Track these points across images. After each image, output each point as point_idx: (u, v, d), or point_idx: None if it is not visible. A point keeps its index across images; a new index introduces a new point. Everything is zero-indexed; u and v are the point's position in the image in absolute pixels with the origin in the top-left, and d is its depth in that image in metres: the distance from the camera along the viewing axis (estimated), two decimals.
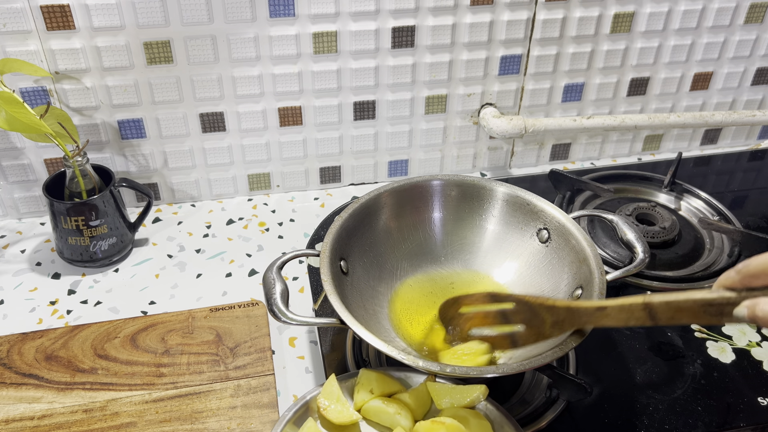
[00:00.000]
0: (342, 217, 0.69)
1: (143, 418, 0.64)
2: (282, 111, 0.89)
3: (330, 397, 0.59)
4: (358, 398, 0.60)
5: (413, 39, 0.87)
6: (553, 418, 0.63)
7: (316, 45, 0.85)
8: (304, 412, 0.59)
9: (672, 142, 1.08)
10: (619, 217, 0.71)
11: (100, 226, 0.79)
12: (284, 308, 0.60)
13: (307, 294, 0.80)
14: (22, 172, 0.87)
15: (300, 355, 0.72)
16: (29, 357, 0.70)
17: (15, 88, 0.80)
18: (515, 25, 0.89)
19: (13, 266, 0.83)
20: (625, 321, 0.52)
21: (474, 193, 0.75)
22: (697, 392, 0.67)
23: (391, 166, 0.99)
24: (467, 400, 0.58)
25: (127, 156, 0.89)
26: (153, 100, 0.85)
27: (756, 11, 0.96)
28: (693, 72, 1.01)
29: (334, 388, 0.60)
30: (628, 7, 0.92)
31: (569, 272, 0.67)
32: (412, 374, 0.62)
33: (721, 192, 0.98)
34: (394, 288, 0.72)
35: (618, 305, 0.52)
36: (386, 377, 0.61)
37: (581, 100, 0.99)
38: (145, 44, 0.80)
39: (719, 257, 0.84)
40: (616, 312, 0.52)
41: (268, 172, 0.95)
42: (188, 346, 0.71)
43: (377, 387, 0.60)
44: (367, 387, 0.60)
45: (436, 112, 0.95)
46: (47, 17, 0.76)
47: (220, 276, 0.82)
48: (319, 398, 0.59)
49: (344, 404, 0.59)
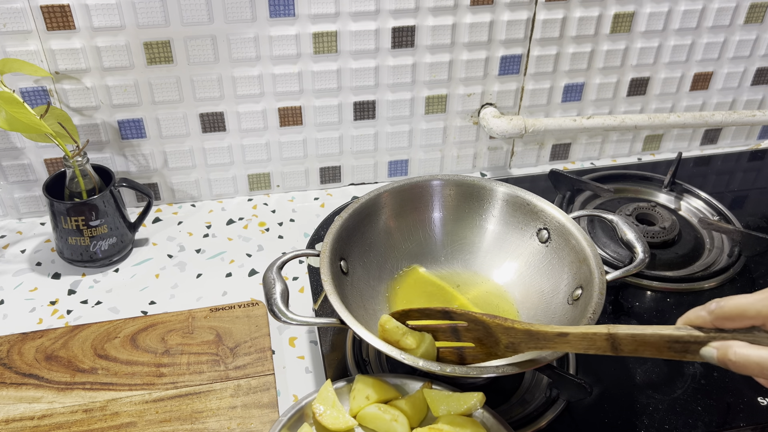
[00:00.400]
0: (342, 217, 0.69)
1: (143, 418, 0.64)
2: (282, 111, 0.89)
3: (325, 403, 0.59)
4: (354, 404, 0.59)
5: (413, 39, 0.87)
6: (553, 418, 0.63)
7: (316, 45, 0.85)
8: (299, 418, 0.59)
9: (672, 142, 1.08)
10: (619, 217, 0.71)
11: (100, 226, 0.79)
12: (284, 308, 0.60)
13: (307, 294, 0.80)
14: (22, 172, 0.87)
15: (300, 355, 0.72)
16: (29, 357, 0.70)
17: (15, 88, 0.80)
18: (515, 25, 0.89)
19: (13, 266, 0.83)
20: (585, 349, 0.51)
21: (474, 193, 0.75)
22: (697, 392, 0.67)
23: (391, 166, 0.99)
24: (464, 407, 0.58)
25: (127, 156, 0.89)
26: (153, 100, 0.85)
27: (756, 11, 0.96)
28: (693, 72, 1.01)
29: (329, 393, 0.59)
30: (628, 7, 0.92)
31: (569, 272, 0.67)
32: (409, 381, 0.61)
33: (721, 192, 0.98)
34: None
35: (580, 333, 0.51)
36: (383, 384, 0.60)
37: (581, 100, 0.99)
38: (145, 44, 0.80)
39: (719, 257, 0.84)
40: (578, 339, 0.51)
41: (268, 172, 0.95)
42: (188, 346, 0.71)
43: (373, 393, 0.59)
44: (363, 393, 0.59)
45: (436, 112, 0.95)
46: (47, 17, 0.76)
47: (220, 276, 0.82)
48: (315, 404, 0.59)
49: (340, 410, 0.59)
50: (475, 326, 0.57)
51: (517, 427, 0.62)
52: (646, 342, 0.47)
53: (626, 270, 0.65)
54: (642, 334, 0.47)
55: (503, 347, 0.55)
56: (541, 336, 0.53)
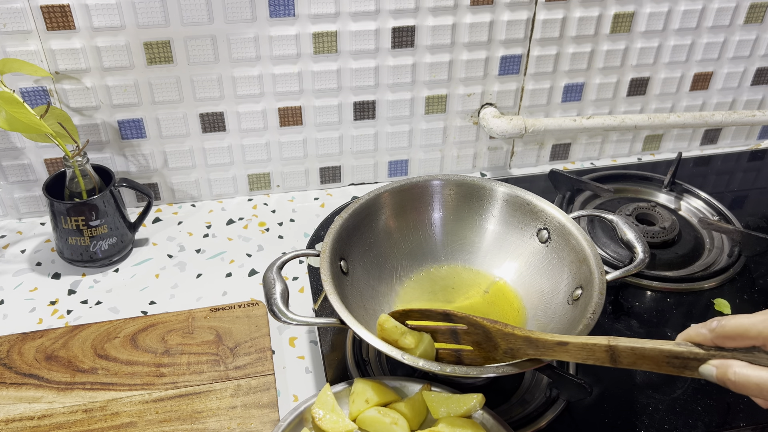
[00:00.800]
0: (342, 217, 0.69)
1: (143, 418, 0.64)
2: (282, 111, 0.89)
3: (325, 407, 0.58)
4: (354, 408, 0.59)
5: (413, 39, 0.87)
6: (553, 418, 0.63)
7: (316, 45, 0.85)
8: (299, 423, 0.59)
9: (672, 142, 1.08)
10: (619, 217, 0.71)
11: (100, 226, 0.79)
12: (284, 308, 0.60)
13: (307, 294, 0.80)
14: (22, 172, 0.87)
15: (300, 355, 0.72)
16: (29, 357, 0.70)
17: (15, 88, 0.80)
18: (515, 25, 0.89)
19: (13, 266, 0.83)
20: (584, 359, 0.51)
21: (474, 193, 0.75)
22: (697, 392, 0.67)
23: (391, 166, 0.99)
24: (464, 409, 0.58)
25: (127, 156, 0.89)
26: (153, 100, 0.85)
27: (756, 11, 0.96)
28: (693, 72, 1.01)
29: (328, 397, 0.59)
30: (628, 7, 0.92)
31: (569, 272, 0.67)
32: (408, 383, 0.61)
33: (721, 192, 0.98)
34: (394, 288, 0.72)
35: (580, 343, 0.51)
36: (382, 387, 0.60)
37: (581, 100, 0.99)
38: (145, 44, 0.80)
39: (719, 257, 0.84)
40: (577, 349, 0.51)
41: (268, 172, 0.95)
42: (188, 346, 0.71)
43: (373, 396, 0.59)
44: (363, 397, 0.59)
45: (436, 112, 0.95)
46: (47, 17, 0.76)
47: (220, 276, 0.82)
48: (314, 408, 0.59)
49: (339, 414, 0.58)
50: (474, 330, 0.57)
51: (517, 427, 0.62)
52: (646, 356, 0.47)
53: (626, 270, 0.65)
54: (642, 348, 0.47)
55: (501, 352, 0.56)
56: (541, 344, 0.53)
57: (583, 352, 0.51)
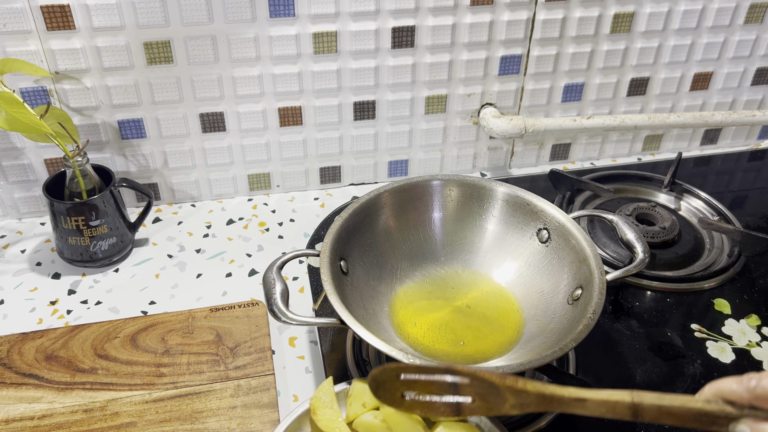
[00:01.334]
0: (342, 217, 0.69)
1: (143, 418, 0.64)
2: (282, 111, 0.89)
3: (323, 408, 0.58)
4: (351, 411, 0.59)
5: (413, 39, 0.87)
6: (553, 418, 0.63)
7: (316, 45, 0.85)
8: (299, 423, 0.58)
9: (672, 142, 1.08)
10: (619, 217, 0.71)
11: (100, 226, 0.79)
12: (284, 308, 0.60)
13: (307, 294, 0.80)
14: (22, 172, 0.87)
15: (300, 355, 0.72)
16: (29, 357, 0.70)
17: (15, 88, 0.80)
18: (515, 25, 0.89)
19: (13, 266, 0.83)
20: (602, 414, 0.47)
21: (474, 193, 0.75)
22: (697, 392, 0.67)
23: (391, 166, 0.99)
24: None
25: (127, 156, 0.89)
26: (153, 100, 0.85)
27: (756, 11, 0.96)
28: (693, 72, 1.01)
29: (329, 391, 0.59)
30: (628, 7, 0.92)
31: (569, 272, 0.67)
32: None
33: (721, 192, 0.98)
34: (394, 288, 0.72)
35: (600, 400, 0.47)
36: None
37: (581, 100, 0.99)
38: (145, 44, 0.80)
39: (719, 257, 0.84)
40: (596, 405, 0.47)
41: (268, 172, 0.95)
42: (188, 346, 0.71)
43: (370, 399, 0.58)
44: (360, 400, 0.58)
45: (436, 112, 0.95)
46: (47, 17, 0.76)
47: (220, 276, 0.82)
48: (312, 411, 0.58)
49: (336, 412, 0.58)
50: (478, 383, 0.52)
51: (516, 428, 0.62)
52: (672, 413, 0.44)
53: (626, 270, 0.65)
54: (669, 406, 0.44)
55: (509, 406, 0.51)
56: (556, 399, 0.49)
57: (602, 407, 0.47)
